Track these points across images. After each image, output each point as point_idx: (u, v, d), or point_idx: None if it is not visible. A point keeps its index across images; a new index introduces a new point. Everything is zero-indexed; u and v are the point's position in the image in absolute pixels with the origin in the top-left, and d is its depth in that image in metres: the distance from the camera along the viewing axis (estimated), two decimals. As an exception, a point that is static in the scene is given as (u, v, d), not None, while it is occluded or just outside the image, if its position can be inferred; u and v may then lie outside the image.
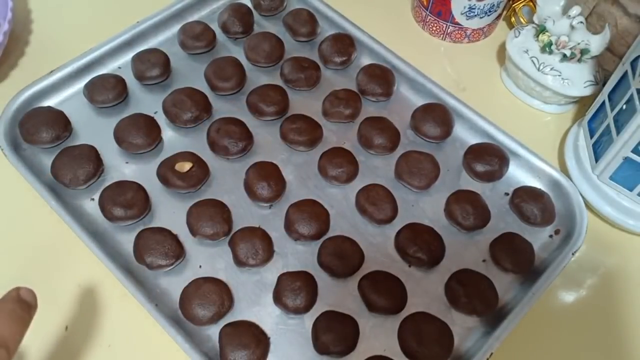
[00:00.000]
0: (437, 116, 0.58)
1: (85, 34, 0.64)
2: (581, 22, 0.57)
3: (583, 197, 0.55)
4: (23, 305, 0.35)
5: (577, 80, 0.59)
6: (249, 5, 0.67)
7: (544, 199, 0.54)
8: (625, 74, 0.51)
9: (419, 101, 0.61)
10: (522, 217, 0.54)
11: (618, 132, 0.51)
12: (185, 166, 0.53)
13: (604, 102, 0.54)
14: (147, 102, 0.60)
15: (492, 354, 0.45)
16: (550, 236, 0.54)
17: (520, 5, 0.67)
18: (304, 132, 0.57)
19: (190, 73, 0.62)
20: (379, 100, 0.61)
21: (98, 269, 0.48)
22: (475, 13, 0.65)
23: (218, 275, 0.49)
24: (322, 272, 0.50)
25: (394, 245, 0.52)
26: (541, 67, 0.59)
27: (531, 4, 0.65)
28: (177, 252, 0.49)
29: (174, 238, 0.50)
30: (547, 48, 0.59)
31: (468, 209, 0.53)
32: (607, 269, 0.54)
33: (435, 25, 0.69)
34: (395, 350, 0.47)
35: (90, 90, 0.58)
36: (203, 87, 0.60)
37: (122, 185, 0.52)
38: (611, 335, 0.50)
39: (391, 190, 0.54)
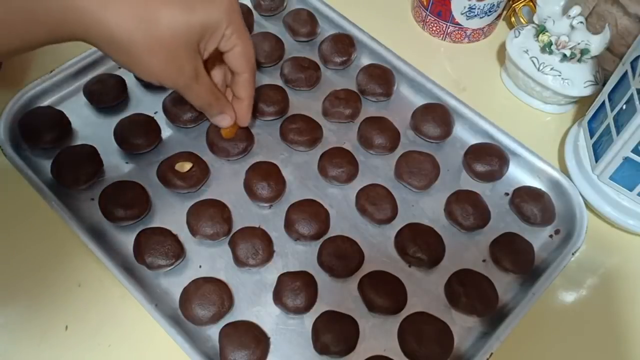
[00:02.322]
0: (437, 116, 0.58)
1: (85, 34, 0.63)
2: (581, 22, 0.57)
3: (583, 197, 0.55)
4: None
5: (577, 80, 0.59)
6: (249, 5, 0.67)
7: (544, 199, 0.54)
8: (625, 74, 0.51)
9: (419, 101, 0.61)
10: (522, 217, 0.54)
11: (618, 132, 0.51)
12: (185, 166, 0.53)
13: (604, 102, 0.54)
14: (147, 102, 0.60)
15: (492, 354, 0.45)
16: (550, 236, 0.54)
17: (520, 5, 0.67)
18: (304, 132, 0.57)
19: (190, 73, 0.62)
20: (379, 100, 0.61)
21: (98, 269, 0.48)
22: (475, 13, 0.65)
23: (218, 275, 0.49)
24: (322, 272, 0.50)
25: (394, 245, 0.52)
26: (541, 67, 0.59)
27: (531, 4, 0.65)
28: (177, 252, 0.49)
29: (174, 238, 0.50)
30: (547, 48, 0.59)
31: (468, 209, 0.53)
32: (607, 269, 0.54)
33: (435, 25, 0.69)
34: (395, 350, 0.47)
35: (90, 90, 0.58)
36: (203, 87, 0.60)
37: (122, 185, 0.52)
38: (611, 335, 0.50)
39: (391, 190, 0.54)
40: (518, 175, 0.57)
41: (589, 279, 0.54)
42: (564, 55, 0.58)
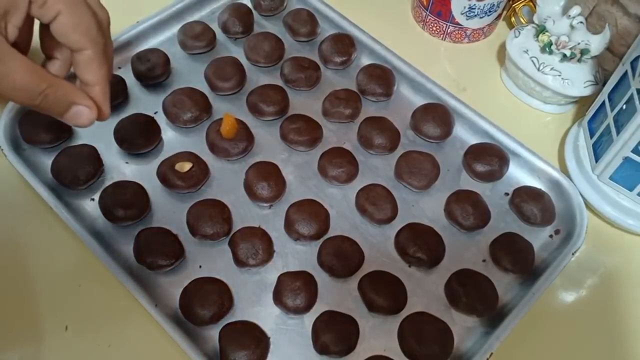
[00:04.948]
0: (437, 116, 0.58)
1: (85, 34, 0.63)
2: (581, 22, 0.57)
3: (583, 197, 0.55)
4: None
5: (577, 80, 0.59)
6: (249, 5, 0.67)
7: (544, 199, 0.54)
8: (625, 74, 0.51)
9: (419, 101, 0.61)
10: (522, 217, 0.54)
11: (618, 132, 0.51)
12: (185, 166, 0.53)
13: (604, 102, 0.54)
14: (147, 102, 0.60)
15: (492, 354, 0.45)
16: (550, 236, 0.54)
17: (520, 5, 0.67)
18: (304, 132, 0.57)
19: (190, 73, 0.62)
20: (379, 100, 0.61)
21: (98, 269, 0.48)
22: (475, 13, 0.65)
23: (218, 275, 0.49)
24: (322, 272, 0.50)
25: (394, 245, 0.52)
26: (541, 67, 0.59)
27: (531, 4, 0.66)
28: (177, 252, 0.49)
29: (174, 238, 0.50)
30: (547, 48, 0.59)
31: (468, 209, 0.53)
32: (607, 269, 0.54)
33: (435, 25, 0.69)
34: (395, 350, 0.47)
35: (90, 90, 0.58)
36: (203, 87, 0.60)
37: (122, 185, 0.52)
38: (611, 335, 0.50)
39: (391, 190, 0.54)
40: (518, 175, 0.57)
41: (589, 279, 0.54)
42: (564, 55, 0.58)
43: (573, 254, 0.51)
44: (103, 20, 0.38)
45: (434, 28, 0.69)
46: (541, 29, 0.60)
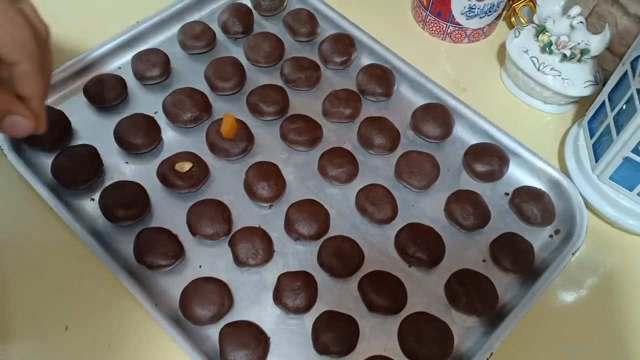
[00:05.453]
0: (437, 116, 0.58)
1: (85, 34, 0.64)
2: (581, 22, 0.57)
3: (583, 197, 0.55)
4: None
5: (577, 80, 0.59)
6: (249, 5, 0.67)
7: (544, 199, 0.54)
8: (625, 74, 0.51)
9: (419, 101, 0.61)
10: (522, 217, 0.54)
11: (618, 132, 0.51)
12: (185, 166, 0.53)
13: (604, 102, 0.54)
14: (147, 102, 0.60)
15: (492, 354, 0.45)
16: (550, 236, 0.54)
17: (520, 5, 0.67)
18: (304, 132, 0.57)
19: (190, 73, 0.62)
20: (379, 100, 0.61)
21: (98, 269, 0.48)
22: (475, 13, 0.65)
23: (218, 275, 0.49)
24: (322, 272, 0.50)
25: (394, 245, 0.52)
26: (541, 67, 0.59)
27: (531, 4, 0.66)
28: (177, 252, 0.49)
29: (174, 238, 0.50)
30: (547, 48, 0.59)
31: (468, 209, 0.53)
32: (607, 269, 0.54)
33: (435, 25, 0.69)
34: (396, 350, 0.47)
35: (90, 90, 0.58)
36: (203, 87, 0.60)
37: (122, 185, 0.52)
38: (611, 335, 0.50)
39: (391, 190, 0.54)
40: (518, 175, 0.57)
41: (589, 279, 0.54)
42: (564, 55, 0.58)
43: (573, 254, 0.51)
44: (42, 33, 0.37)
45: (434, 28, 0.69)
46: (541, 29, 0.60)
